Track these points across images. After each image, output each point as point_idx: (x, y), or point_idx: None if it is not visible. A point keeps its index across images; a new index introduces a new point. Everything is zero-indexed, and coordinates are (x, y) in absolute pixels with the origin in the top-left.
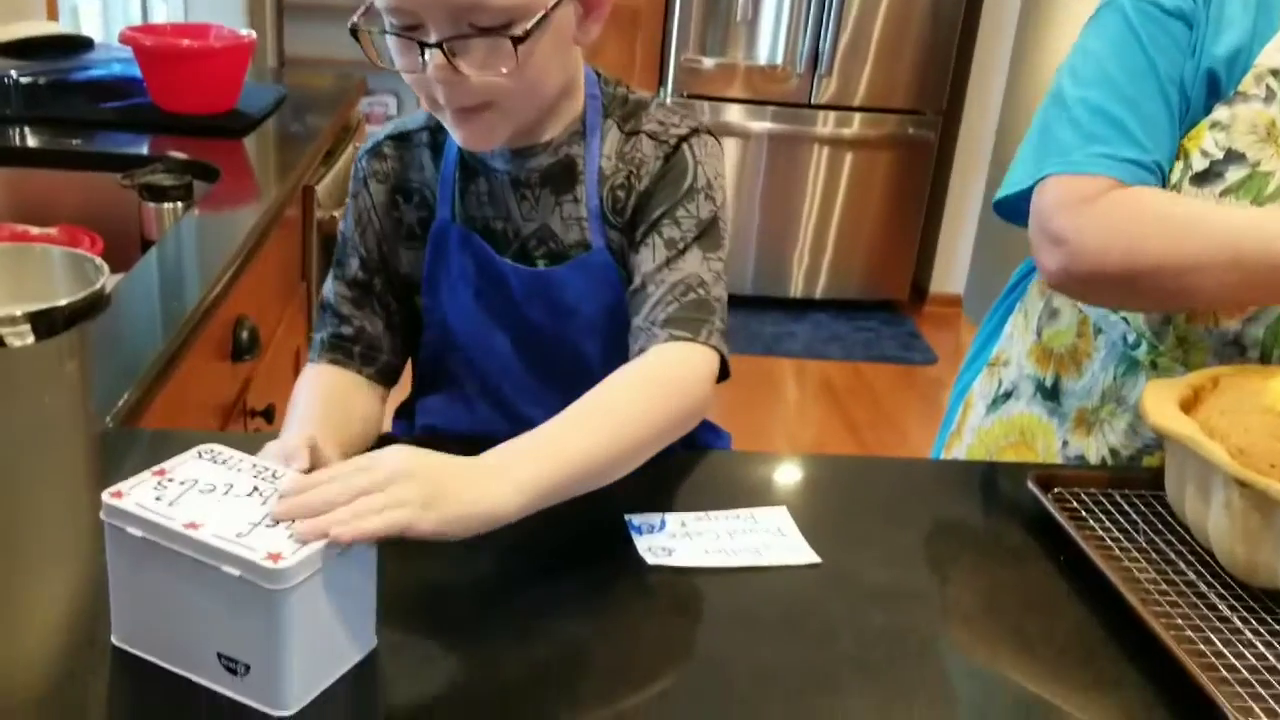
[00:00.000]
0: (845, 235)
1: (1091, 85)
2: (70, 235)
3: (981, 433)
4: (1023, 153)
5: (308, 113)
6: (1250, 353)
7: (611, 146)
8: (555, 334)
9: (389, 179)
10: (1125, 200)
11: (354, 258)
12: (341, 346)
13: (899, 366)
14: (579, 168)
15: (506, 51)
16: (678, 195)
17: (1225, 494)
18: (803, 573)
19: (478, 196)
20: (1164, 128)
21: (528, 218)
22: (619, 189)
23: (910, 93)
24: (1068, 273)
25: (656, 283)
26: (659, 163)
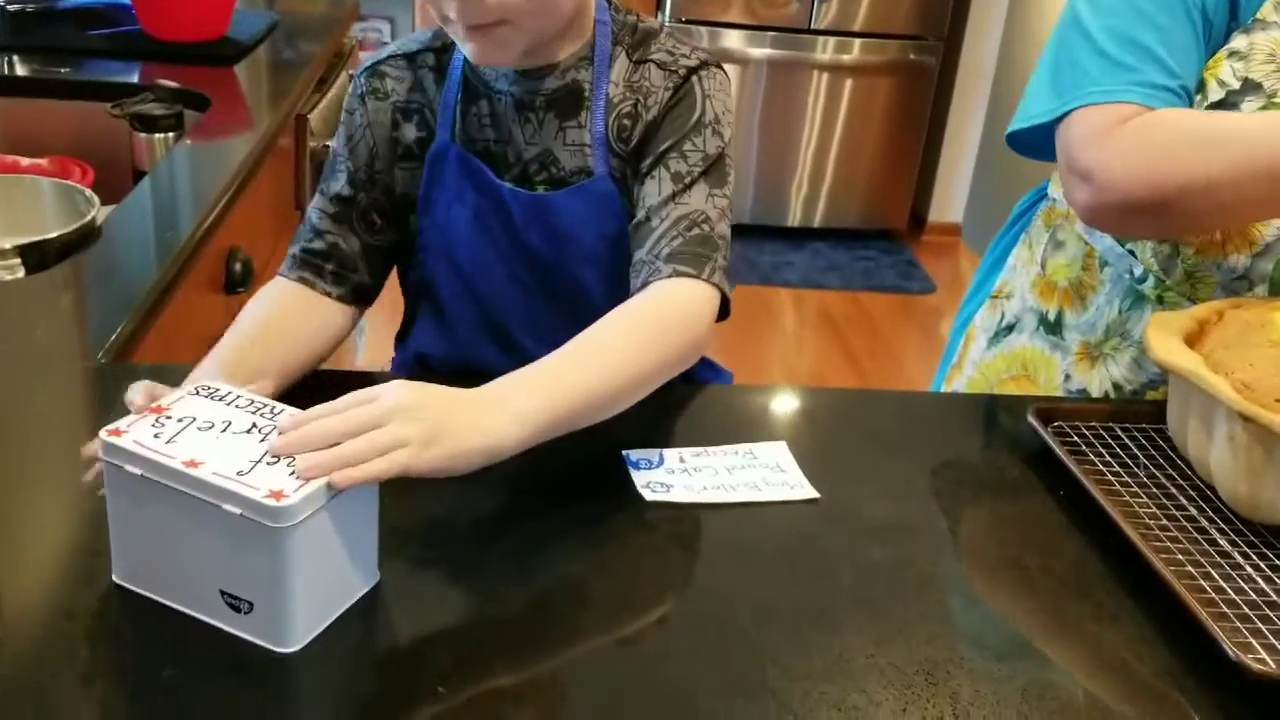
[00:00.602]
0: (844, 164)
1: (1115, 12)
2: (61, 166)
3: (983, 365)
4: (1037, 84)
5: (300, 39)
6: (1259, 288)
7: (619, 74)
8: (553, 260)
9: (389, 97)
10: (1145, 125)
11: (342, 173)
12: (311, 263)
13: (897, 296)
14: (586, 93)
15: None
16: (685, 128)
17: (1229, 429)
18: (802, 507)
19: (479, 118)
20: (1192, 52)
21: (530, 141)
22: (625, 117)
23: (911, 18)
24: (1099, 207)
25: (661, 217)
26: (667, 93)
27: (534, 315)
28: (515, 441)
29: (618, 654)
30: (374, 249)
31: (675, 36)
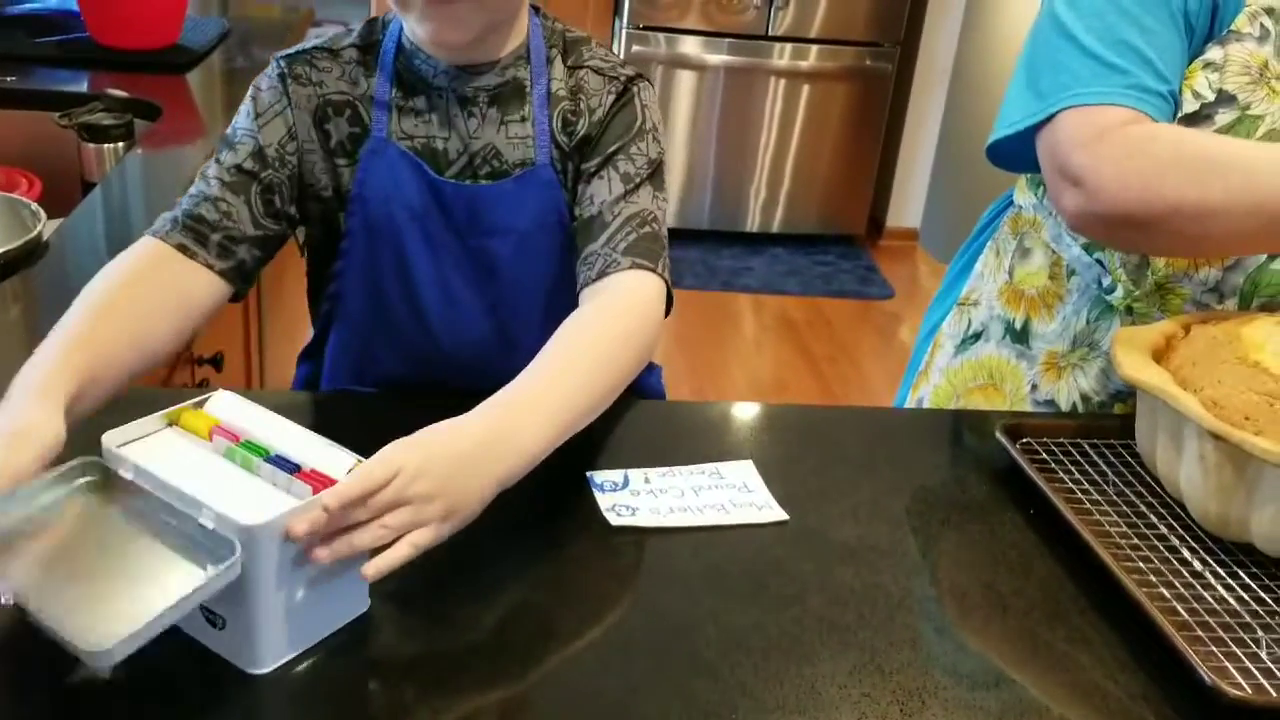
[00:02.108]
0: (802, 169)
1: (1100, 14)
2: (6, 177)
3: (949, 373)
4: (1014, 91)
5: (253, 45)
6: (1229, 300)
7: (559, 75)
8: (490, 252)
9: (318, 86)
10: (1143, 136)
11: (247, 145)
12: (196, 229)
13: (856, 301)
14: (526, 89)
15: None
16: (630, 134)
17: (1198, 447)
18: (770, 530)
19: (416, 114)
20: (1179, 58)
21: (474, 135)
22: (569, 113)
23: (867, 24)
24: (1087, 213)
25: (614, 213)
26: (610, 97)
27: (465, 309)
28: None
29: (582, 688)
30: (263, 231)
31: (605, 47)
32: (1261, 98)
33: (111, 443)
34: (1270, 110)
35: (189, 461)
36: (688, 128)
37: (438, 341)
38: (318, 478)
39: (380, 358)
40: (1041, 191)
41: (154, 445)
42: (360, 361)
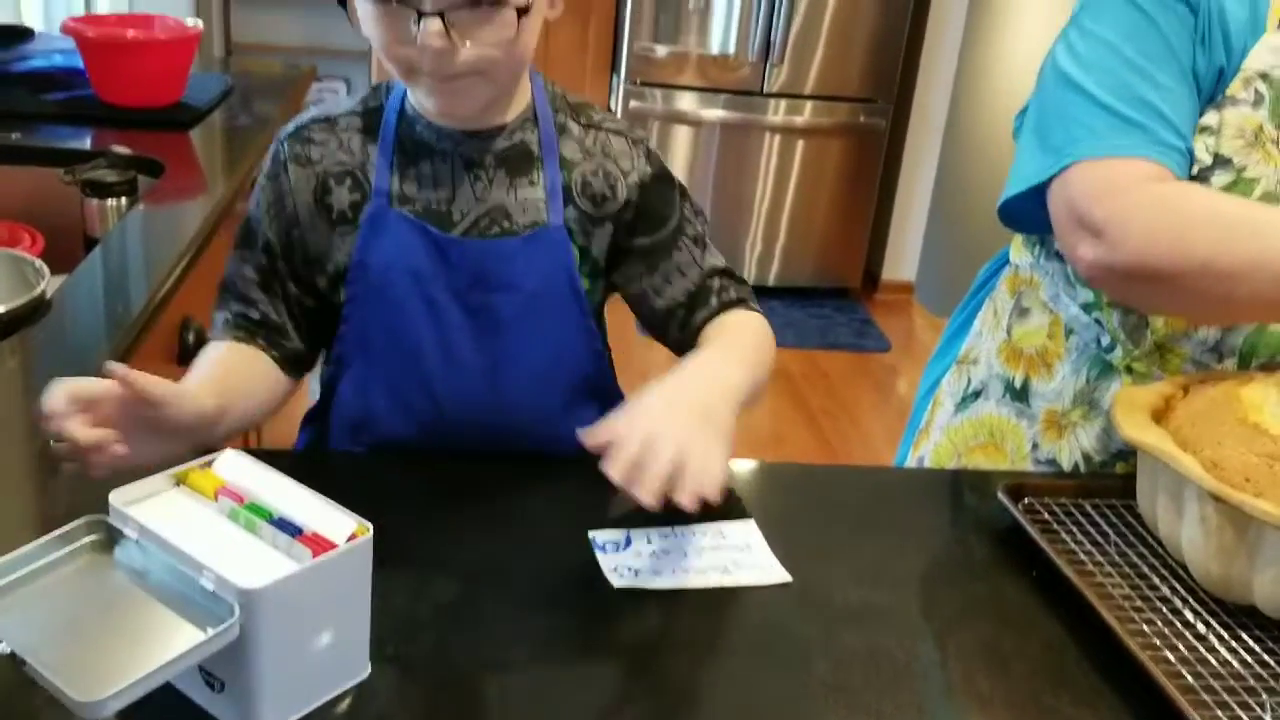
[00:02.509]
0: (797, 222)
1: (1112, 70)
2: (9, 232)
3: (950, 431)
4: (1024, 150)
5: (256, 102)
6: (1227, 360)
7: (569, 138)
8: (493, 310)
9: (316, 164)
10: (1176, 192)
11: (260, 241)
12: (246, 327)
13: (853, 354)
14: (536, 153)
15: (505, 22)
16: (677, 197)
17: (1199, 508)
18: (773, 592)
19: (419, 179)
20: (1191, 114)
21: (481, 198)
22: (592, 175)
23: (861, 81)
24: (1107, 265)
25: (708, 277)
26: (641, 162)
27: (464, 373)
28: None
29: None
30: (297, 318)
31: (603, 111)
32: (1257, 160)
33: (119, 501)
34: (1266, 173)
35: (194, 522)
36: (684, 182)
37: (438, 403)
38: (318, 541)
39: (381, 420)
40: (1038, 250)
41: (160, 504)
42: (362, 424)
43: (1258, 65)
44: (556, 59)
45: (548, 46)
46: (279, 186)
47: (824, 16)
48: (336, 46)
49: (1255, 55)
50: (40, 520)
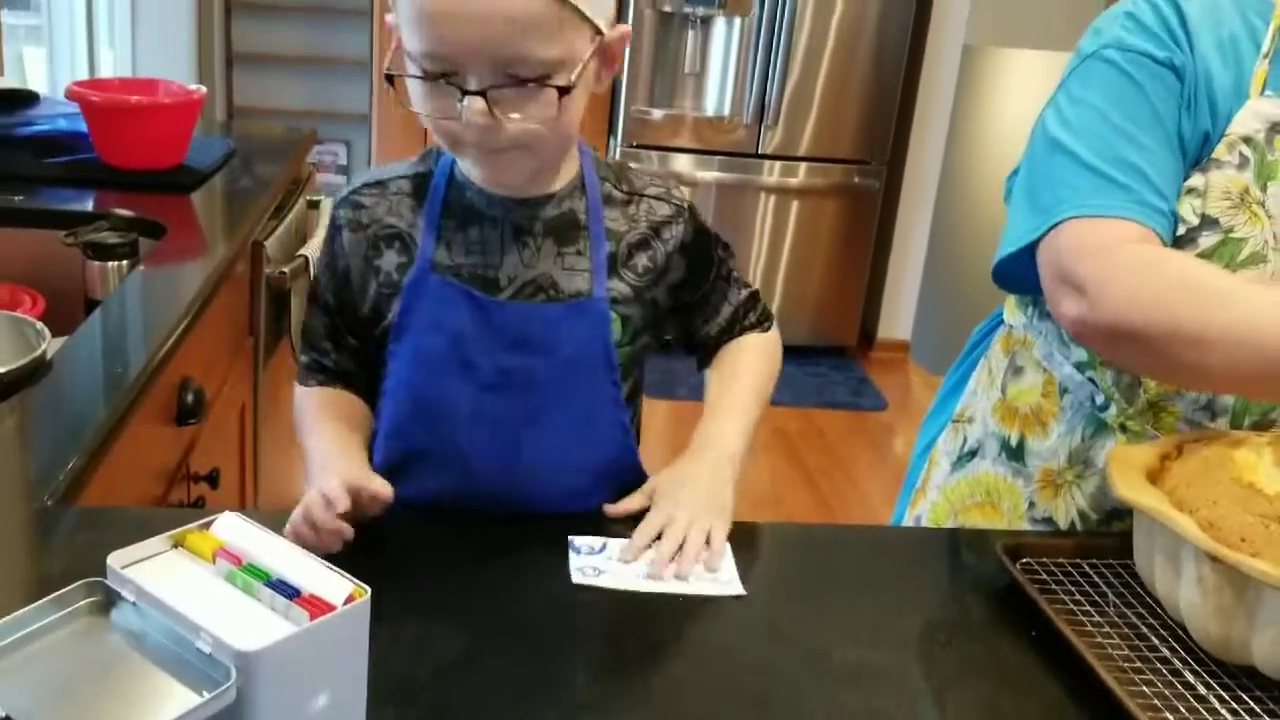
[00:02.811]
0: (793, 282)
1: (1098, 134)
2: (10, 295)
3: (947, 490)
4: (1015, 212)
5: (257, 165)
6: (1220, 419)
7: (615, 207)
8: (530, 371)
9: (367, 228)
10: (1157, 256)
11: (321, 300)
12: (325, 372)
13: (849, 412)
14: (582, 222)
15: (548, 100)
16: (713, 246)
17: (1196, 568)
18: (773, 652)
19: (468, 244)
20: (1175, 177)
21: (528, 264)
22: (636, 247)
23: (854, 143)
24: (1089, 322)
25: (736, 309)
26: (681, 226)
27: (495, 436)
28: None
29: None
30: (365, 363)
31: (637, 167)
32: (1244, 221)
33: (116, 563)
34: (1253, 234)
35: (191, 584)
36: None
37: (466, 462)
38: (316, 603)
39: (411, 475)
40: (1032, 310)
41: (158, 567)
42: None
43: (1242, 130)
44: None
45: None
46: (333, 250)
47: (817, 79)
48: (337, 109)
49: (1239, 120)
50: (37, 582)
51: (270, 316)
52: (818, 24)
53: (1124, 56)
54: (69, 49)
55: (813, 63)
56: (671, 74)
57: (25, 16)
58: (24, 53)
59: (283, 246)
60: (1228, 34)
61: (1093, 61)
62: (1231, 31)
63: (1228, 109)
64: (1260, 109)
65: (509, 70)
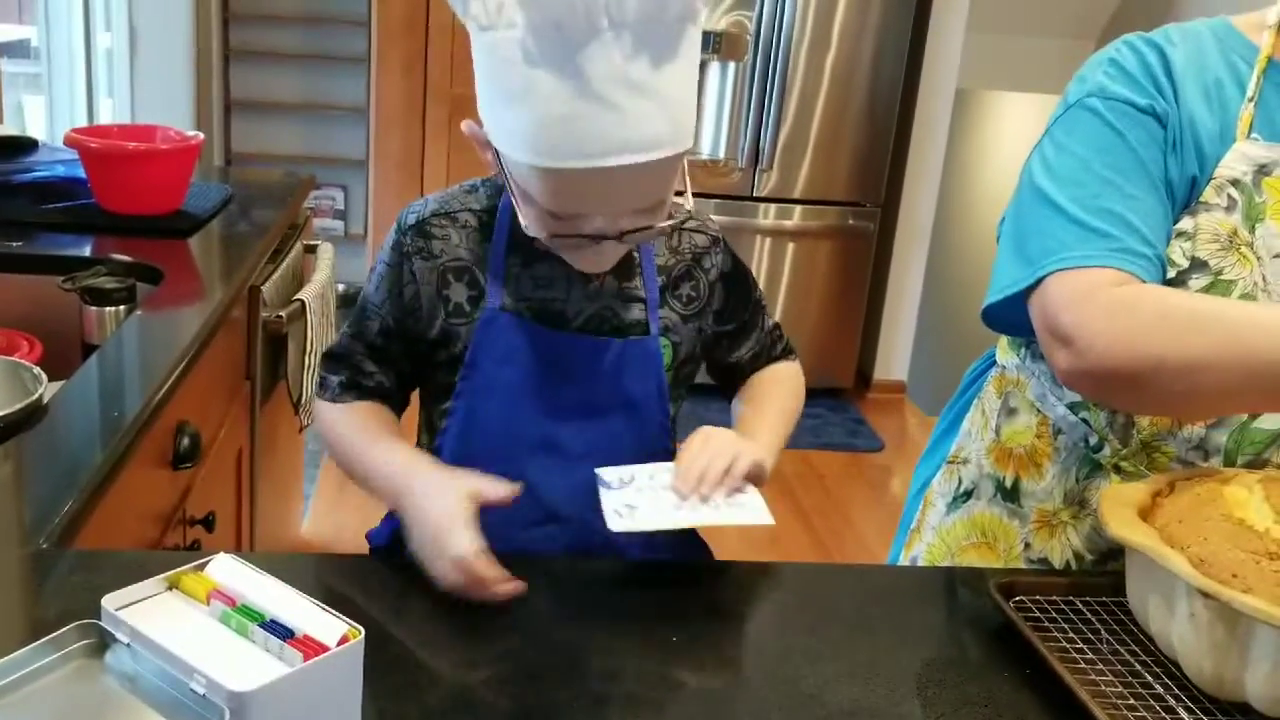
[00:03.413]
0: (789, 324)
1: (1081, 183)
2: (7, 339)
3: (942, 531)
4: (1002, 259)
5: (254, 210)
6: (1214, 458)
7: (660, 242)
8: (593, 405)
9: (438, 258)
10: (1129, 295)
11: (374, 323)
12: (360, 387)
13: (846, 454)
14: (635, 260)
15: (665, 213)
16: (749, 278)
17: (1189, 605)
18: (770, 691)
19: (535, 279)
20: (1162, 222)
21: (593, 298)
22: (681, 278)
23: (848, 186)
24: (1078, 372)
25: (766, 335)
26: (723, 255)
27: (564, 468)
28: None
29: None
30: (405, 385)
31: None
32: (1233, 263)
33: (111, 605)
34: (1242, 275)
35: (186, 625)
36: None
37: (533, 488)
38: (310, 644)
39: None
40: (1024, 352)
41: (153, 608)
42: None
43: (1229, 173)
44: None
45: None
46: (400, 275)
47: (812, 122)
48: (334, 154)
49: (1226, 163)
50: (33, 624)
51: (267, 361)
52: (811, 68)
53: (1106, 104)
54: (68, 97)
55: (807, 106)
56: None
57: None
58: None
59: (279, 291)
60: (1213, 79)
61: (1076, 110)
62: (1217, 76)
63: (1214, 153)
64: (1247, 152)
65: (636, 210)
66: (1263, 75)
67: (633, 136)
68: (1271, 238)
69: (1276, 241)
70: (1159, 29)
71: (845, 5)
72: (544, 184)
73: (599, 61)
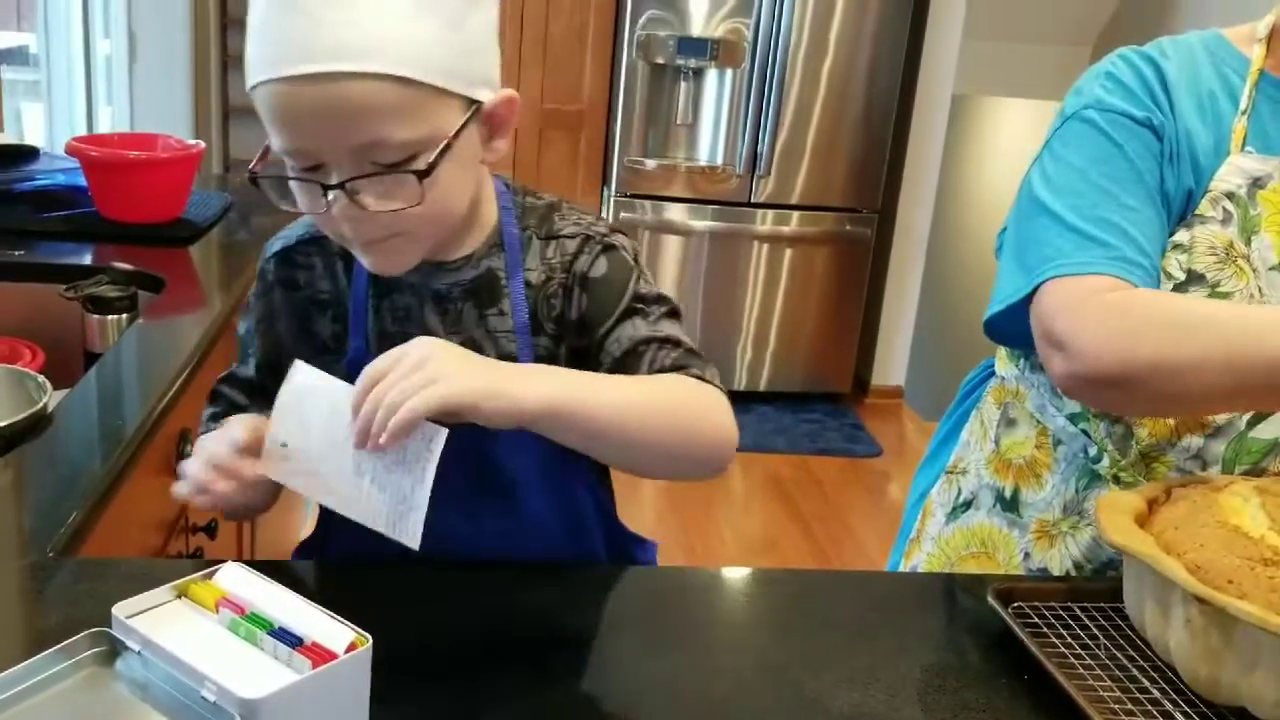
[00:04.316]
0: (787, 329)
1: (1080, 194)
2: (10, 348)
3: (942, 541)
4: (1003, 270)
5: (255, 217)
6: (1212, 468)
7: (534, 258)
8: (483, 452)
9: (302, 289)
10: (1121, 300)
11: (251, 359)
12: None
13: (844, 459)
14: (501, 281)
15: (411, 185)
16: (629, 281)
17: (1185, 611)
18: (771, 697)
19: (394, 312)
20: (1158, 232)
21: (451, 331)
22: (553, 297)
23: (845, 192)
24: (1073, 377)
25: (648, 343)
26: (599, 260)
27: (462, 502)
28: (535, 404)
29: None
30: None
31: (574, 207)
32: (1230, 275)
33: (121, 613)
34: (1239, 287)
35: (195, 633)
36: (674, 290)
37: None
38: (318, 651)
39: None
40: (1023, 363)
41: (163, 617)
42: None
43: (1224, 186)
44: (549, 172)
45: (541, 162)
46: (267, 307)
47: (809, 129)
48: None
49: (1221, 176)
50: (41, 633)
51: None
52: (808, 74)
53: (1103, 116)
54: (67, 104)
55: (804, 112)
56: (665, 125)
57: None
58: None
59: None
60: (1206, 91)
61: (1073, 122)
62: (1210, 89)
63: (1210, 166)
64: (1241, 164)
65: (371, 157)
66: (1254, 88)
67: (321, 43)
68: (1267, 250)
69: (1271, 254)
70: (1152, 42)
71: (842, 12)
72: (261, 113)
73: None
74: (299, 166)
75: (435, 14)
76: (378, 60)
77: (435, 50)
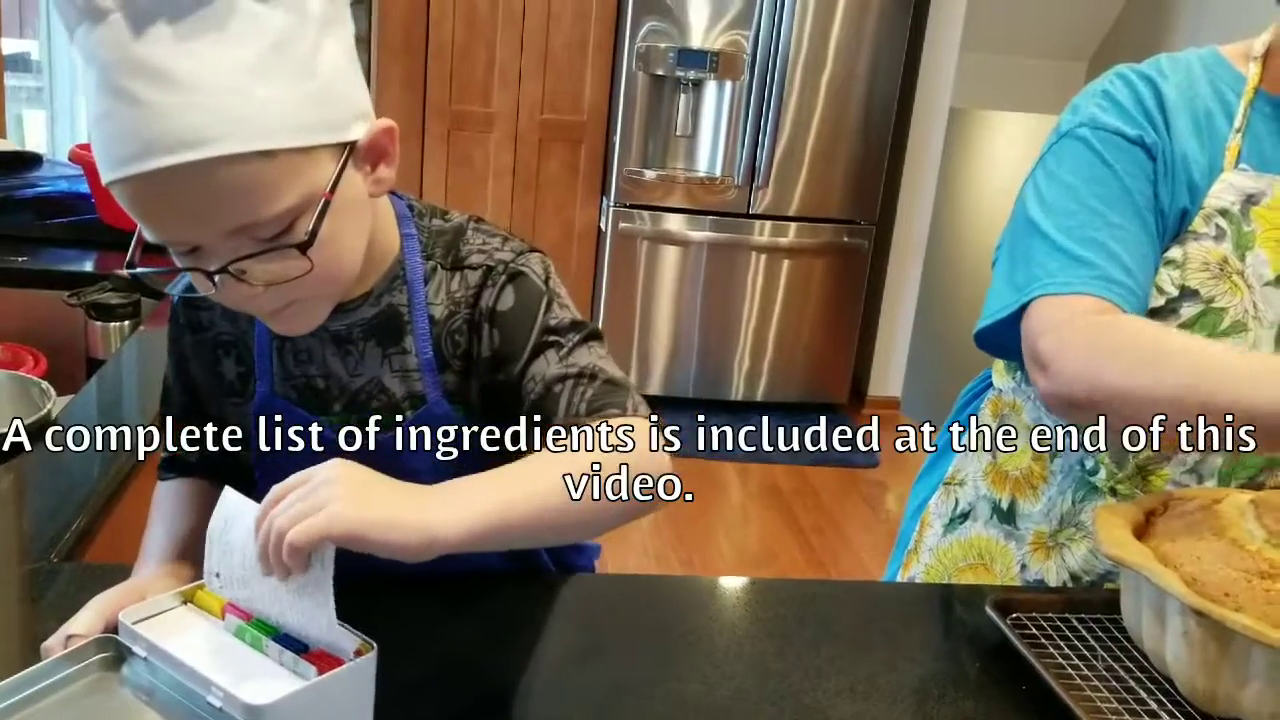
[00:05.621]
0: (784, 339)
1: (1070, 213)
2: (12, 354)
3: (939, 552)
4: (995, 284)
5: None
6: (1209, 481)
7: (439, 291)
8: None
9: (206, 331)
10: (1105, 324)
11: (177, 400)
12: (184, 464)
13: (841, 469)
14: (404, 317)
15: (293, 262)
16: (539, 310)
17: (1182, 623)
18: (769, 708)
19: (295, 354)
20: (1146, 252)
21: (354, 373)
22: (457, 334)
23: (843, 204)
24: (1052, 394)
25: (560, 381)
26: (507, 292)
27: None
28: (456, 534)
29: None
30: (231, 446)
31: (483, 229)
32: (1224, 291)
33: (128, 619)
34: (1233, 303)
35: (201, 639)
36: (672, 300)
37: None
38: (324, 658)
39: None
40: (1019, 376)
41: (169, 622)
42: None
43: (1217, 203)
44: (548, 184)
45: (540, 170)
46: (180, 349)
47: (807, 141)
48: None
49: (1215, 193)
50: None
51: None
52: (807, 87)
53: (1096, 135)
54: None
55: (802, 124)
56: (663, 136)
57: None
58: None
59: None
60: (1203, 110)
61: (1068, 140)
62: (1207, 107)
63: (1205, 185)
64: (1235, 182)
65: (248, 235)
66: (1249, 106)
67: (159, 135)
68: (1261, 265)
69: (1266, 269)
70: (1150, 60)
71: (841, 25)
72: (121, 207)
73: (109, 47)
74: (180, 253)
75: (282, 69)
76: (225, 141)
77: (289, 109)
